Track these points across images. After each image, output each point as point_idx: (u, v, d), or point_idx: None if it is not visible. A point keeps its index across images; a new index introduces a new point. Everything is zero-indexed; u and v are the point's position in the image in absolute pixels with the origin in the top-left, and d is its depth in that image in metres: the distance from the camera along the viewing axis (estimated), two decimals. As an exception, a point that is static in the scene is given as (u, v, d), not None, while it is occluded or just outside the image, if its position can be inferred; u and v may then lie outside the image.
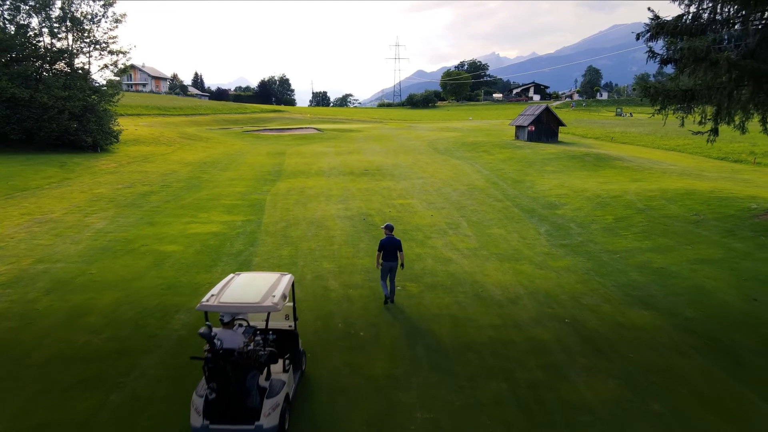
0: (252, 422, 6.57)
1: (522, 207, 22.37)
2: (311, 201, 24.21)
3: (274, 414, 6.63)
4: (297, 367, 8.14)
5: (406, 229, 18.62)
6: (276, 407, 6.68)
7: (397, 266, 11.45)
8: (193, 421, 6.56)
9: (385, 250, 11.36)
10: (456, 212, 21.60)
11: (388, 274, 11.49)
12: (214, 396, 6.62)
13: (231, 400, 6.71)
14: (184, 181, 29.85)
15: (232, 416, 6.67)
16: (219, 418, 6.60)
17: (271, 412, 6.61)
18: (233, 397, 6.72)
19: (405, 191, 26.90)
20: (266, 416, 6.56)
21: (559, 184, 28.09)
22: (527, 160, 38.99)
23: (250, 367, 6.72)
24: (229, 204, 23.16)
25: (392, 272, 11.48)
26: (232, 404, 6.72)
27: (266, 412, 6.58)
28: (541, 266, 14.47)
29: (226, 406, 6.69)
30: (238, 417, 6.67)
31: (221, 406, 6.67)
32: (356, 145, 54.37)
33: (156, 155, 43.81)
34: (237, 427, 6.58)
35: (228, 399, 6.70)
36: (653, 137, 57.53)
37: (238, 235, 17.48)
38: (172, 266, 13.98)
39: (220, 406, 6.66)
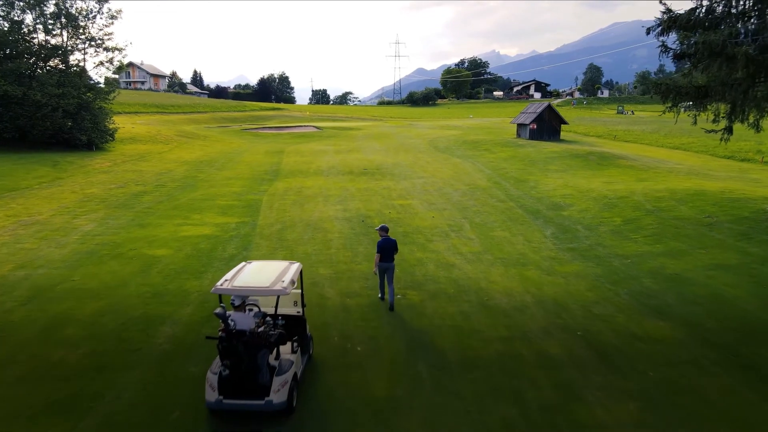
0: (262, 398, 7.04)
1: (526, 208, 21.65)
2: (309, 202, 23.50)
3: (283, 390, 7.13)
4: (305, 350, 8.59)
5: (407, 232, 17.91)
6: (285, 384, 7.18)
7: (393, 267, 11.35)
8: (208, 396, 7.08)
9: (383, 252, 11.16)
10: (458, 213, 20.89)
11: (385, 274, 11.33)
12: (227, 373, 7.10)
13: (243, 376, 7.13)
14: (179, 181, 29.14)
15: (244, 392, 7.10)
16: (232, 394, 7.06)
17: (280, 388, 7.11)
18: (245, 374, 7.13)
19: (405, 191, 26.18)
20: (276, 392, 7.06)
21: (564, 183, 27.36)
22: (530, 159, 38.26)
23: (261, 346, 7.16)
24: (224, 205, 22.45)
25: (389, 273, 11.28)
26: (244, 381, 7.13)
27: (276, 388, 7.08)
28: (548, 272, 13.76)
29: (238, 382, 7.11)
30: (250, 393, 7.10)
31: (234, 382, 7.10)
32: (356, 144, 53.65)
33: (152, 154, 43.09)
34: (248, 402, 7.06)
35: (240, 376, 7.12)
36: (657, 135, 56.80)
37: (232, 238, 16.78)
38: (160, 272, 13.26)
39: (233, 382, 7.10)
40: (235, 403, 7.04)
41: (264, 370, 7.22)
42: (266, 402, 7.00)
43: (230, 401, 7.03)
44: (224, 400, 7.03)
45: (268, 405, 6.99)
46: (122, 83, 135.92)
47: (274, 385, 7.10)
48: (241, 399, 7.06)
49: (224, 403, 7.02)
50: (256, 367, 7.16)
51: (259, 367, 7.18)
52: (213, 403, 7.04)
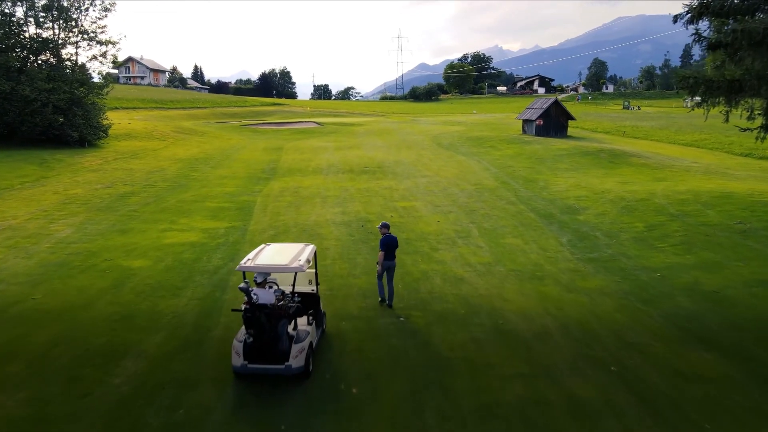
0: (282, 363, 7.85)
1: (538, 211, 20.15)
2: (305, 203, 22.05)
3: (301, 357, 7.89)
4: (319, 324, 9.41)
5: (410, 239, 16.44)
6: (302, 351, 7.93)
7: (395, 265, 11.18)
8: (234, 361, 7.91)
9: (387, 249, 10.86)
10: (465, 217, 19.41)
11: (385, 273, 11.03)
12: (251, 340, 7.87)
13: (265, 344, 7.93)
14: (170, 180, 27.70)
15: (266, 357, 7.91)
16: (255, 359, 7.88)
17: (298, 354, 7.87)
18: (267, 342, 7.93)
19: (408, 192, 24.70)
20: (294, 358, 7.84)
21: (576, 183, 25.84)
22: (537, 157, 36.71)
23: (281, 317, 8.00)
24: (215, 207, 21.00)
25: (390, 271, 11.05)
26: (266, 348, 7.94)
27: (294, 354, 7.86)
28: (569, 287, 12.28)
29: (261, 349, 7.92)
30: (271, 358, 7.91)
31: (257, 349, 7.91)
32: (357, 140, 52.12)
33: (146, 151, 41.65)
34: (270, 366, 7.86)
35: (263, 343, 7.91)
36: (667, 132, 55.12)
37: (219, 247, 15.33)
38: (134, 288, 11.82)
39: (256, 349, 7.90)
40: (258, 367, 7.90)
41: (284, 338, 8.07)
42: (286, 366, 7.86)
43: (254, 366, 7.89)
44: (248, 364, 7.87)
45: (287, 369, 7.85)
46: (122, 78, 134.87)
47: (292, 351, 7.92)
48: (264, 364, 7.92)
49: (249, 367, 7.87)
50: (277, 336, 8.03)
51: (279, 335, 8.04)
52: (238, 368, 7.91)
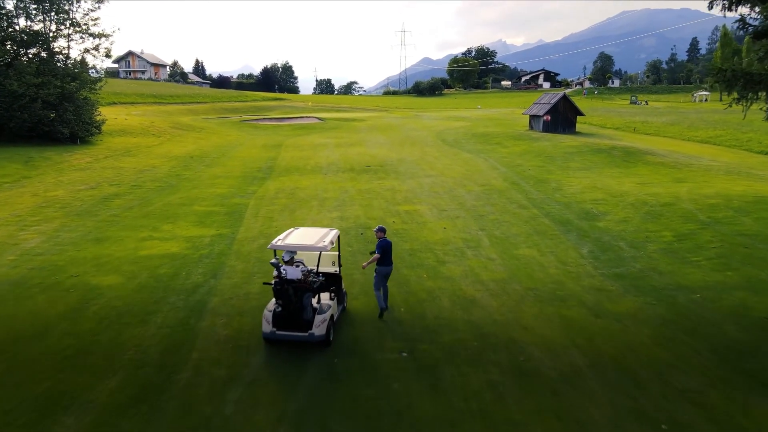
0: (306, 331, 8.81)
1: (553, 216, 18.53)
2: (301, 207, 20.49)
3: (323, 326, 8.82)
4: (340, 301, 10.26)
5: (414, 250, 14.87)
6: (324, 322, 8.86)
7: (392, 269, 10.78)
8: (264, 328, 8.93)
9: (385, 254, 10.42)
10: (474, 223, 17.82)
11: (385, 280, 10.57)
12: (279, 310, 8.93)
13: (292, 314, 8.92)
14: (160, 180, 26.17)
15: (292, 326, 8.87)
16: (283, 327, 8.88)
17: (320, 324, 8.81)
18: (293, 312, 8.92)
19: (411, 193, 23.11)
20: (317, 327, 8.78)
21: (591, 184, 24.19)
22: (547, 155, 35.03)
23: (306, 290, 8.98)
24: (203, 211, 19.46)
25: (388, 276, 10.67)
26: (292, 317, 8.91)
27: (317, 324, 8.80)
28: (596, 311, 10.70)
29: (288, 318, 8.91)
30: (297, 326, 8.86)
31: (285, 318, 8.91)
32: (359, 136, 50.51)
33: (140, 148, 40.16)
34: (295, 333, 8.82)
35: (290, 313, 8.92)
36: (679, 128, 53.27)
37: (201, 260, 13.78)
38: (97, 313, 10.30)
39: (283, 318, 8.91)
40: (284, 334, 8.83)
41: (308, 309, 8.98)
42: (309, 334, 8.76)
43: (281, 332, 8.83)
44: (277, 331, 8.83)
45: (310, 336, 8.75)
46: (122, 73, 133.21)
47: (315, 321, 8.82)
48: (290, 331, 8.83)
49: (277, 334, 8.82)
50: (302, 307, 8.96)
51: (304, 307, 8.97)
52: (268, 334, 8.86)
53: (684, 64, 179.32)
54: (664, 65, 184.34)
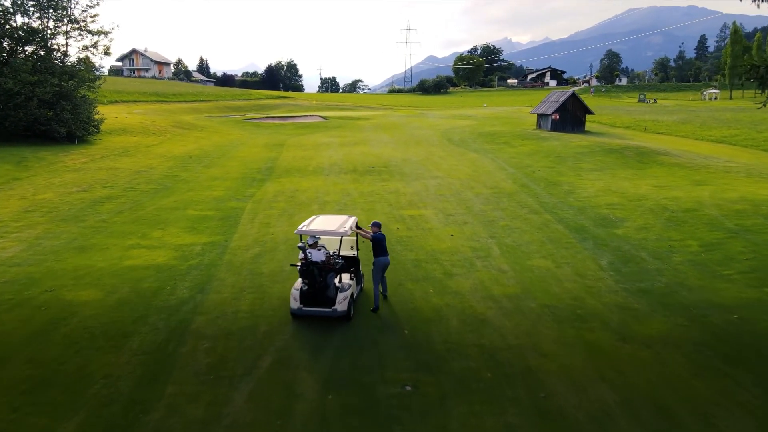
0: (330, 307, 9.94)
1: (567, 223, 17.40)
2: (300, 211, 19.46)
3: (344, 303, 9.97)
4: (358, 281, 11.38)
5: (420, 260, 13.80)
6: (346, 299, 10.01)
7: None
8: (291, 305, 10.07)
9: (380, 245, 10.86)
10: (483, 230, 16.72)
11: (382, 272, 10.99)
12: (306, 289, 10.10)
13: (317, 292, 10.07)
14: (155, 182, 25.21)
15: (317, 302, 10.03)
16: (308, 303, 10.02)
17: (342, 301, 9.96)
18: (318, 290, 10.06)
19: (417, 196, 22.04)
20: (339, 303, 9.93)
21: (605, 187, 23.03)
22: (557, 155, 33.87)
23: (329, 271, 10.16)
24: (197, 216, 18.46)
25: (386, 269, 11.10)
26: (317, 295, 10.06)
27: (339, 301, 9.95)
28: (622, 334, 9.61)
29: (313, 296, 10.06)
30: (321, 303, 10.02)
31: (310, 295, 10.07)
32: (363, 135, 49.45)
33: (139, 147, 39.28)
34: (320, 309, 9.95)
35: (315, 291, 10.06)
36: (691, 126, 51.90)
37: (189, 271, 12.76)
38: (68, 335, 9.30)
39: (309, 295, 10.07)
40: (310, 310, 9.90)
41: (332, 288, 10.07)
42: (332, 310, 9.83)
43: (307, 309, 9.92)
44: (303, 307, 9.92)
45: (333, 312, 9.82)
46: (125, 71, 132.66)
47: (338, 298, 9.89)
48: (315, 307, 9.90)
49: (303, 310, 9.92)
50: (326, 286, 10.01)
51: (328, 285, 10.02)
52: (295, 310, 9.94)
53: (692, 62, 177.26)
54: (672, 63, 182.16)
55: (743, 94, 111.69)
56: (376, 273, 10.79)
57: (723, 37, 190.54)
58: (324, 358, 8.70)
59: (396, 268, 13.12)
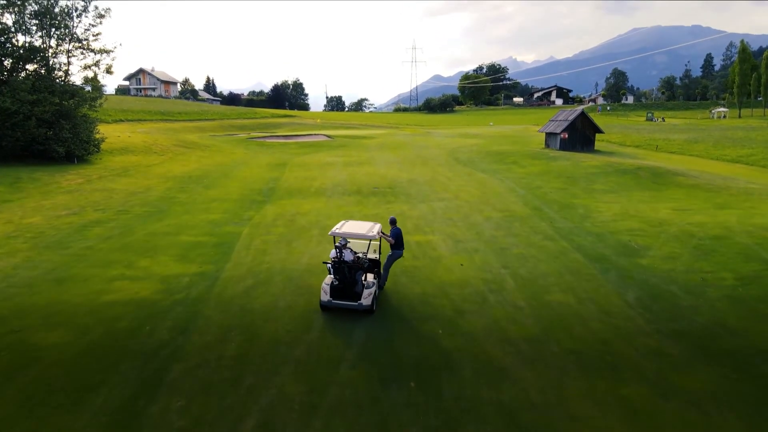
0: (356, 301, 11.16)
1: (585, 251, 16.15)
2: (300, 236, 18.33)
3: (369, 298, 11.15)
4: (381, 282, 12.53)
5: (426, 294, 12.58)
6: (370, 295, 11.20)
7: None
8: (322, 297, 11.29)
9: (399, 240, 12.44)
10: (494, 259, 15.50)
11: (393, 261, 12.73)
12: (336, 284, 11.31)
13: (345, 287, 11.30)
14: (150, 204, 24.20)
15: (345, 296, 11.26)
16: (338, 297, 11.25)
17: (368, 296, 11.16)
18: (347, 286, 11.30)
19: (423, 220, 20.88)
20: (365, 298, 11.14)
21: (622, 211, 21.80)
22: (568, 175, 32.72)
23: (358, 269, 11.44)
24: (189, 242, 17.35)
25: (397, 258, 12.78)
26: (345, 289, 11.30)
27: (365, 296, 11.16)
28: (662, 389, 8.32)
29: (342, 290, 11.29)
30: (349, 297, 11.24)
31: (339, 290, 11.29)
32: (368, 155, 48.56)
33: (139, 167, 38.48)
34: (348, 302, 11.15)
35: (344, 286, 11.30)
36: (704, 146, 50.67)
37: (173, 307, 11.58)
38: (23, 390, 8.10)
39: (338, 290, 11.29)
40: (339, 302, 11.19)
41: (359, 284, 11.42)
42: (359, 304, 11.11)
43: (336, 302, 11.20)
44: (333, 300, 11.21)
45: (359, 306, 11.10)
46: (132, 90, 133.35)
47: (364, 294, 11.22)
48: (343, 301, 11.20)
49: (332, 303, 11.20)
50: (354, 282, 11.38)
51: (356, 281, 11.40)
52: (325, 302, 11.23)
53: (698, 81, 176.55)
54: (678, 81, 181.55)
55: (752, 112, 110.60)
56: (390, 261, 12.70)
57: (729, 55, 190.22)
58: (316, 422, 7.45)
59: (401, 304, 11.93)
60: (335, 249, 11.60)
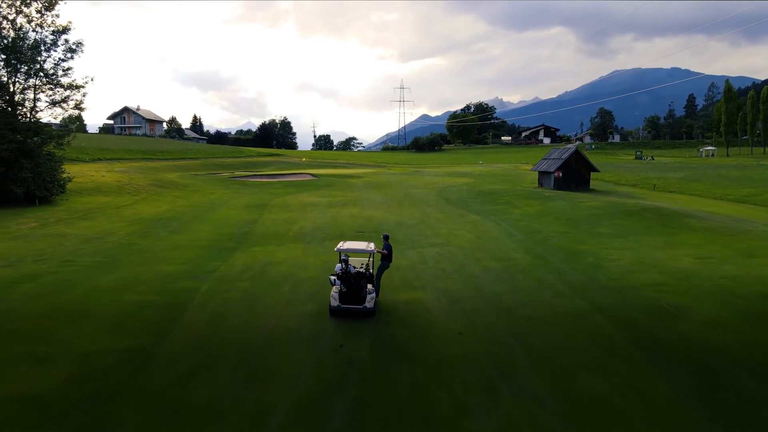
0: (361, 305, 13.09)
1: (607, 313, 13.44)
2: (268, 293, 15.46)
3: (371, 302, 13.11)
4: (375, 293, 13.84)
5: (418, 380, 9.72)
6: (372, 299, 13.15)
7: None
8: (332, 303, 13.15)
9: (389, 254, 14.80)
10: (500, 324, 12.73)
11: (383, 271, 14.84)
12: (344, 290, 13.34)
13: (352, 293, 13.34)
14: (103, 253, 21.25)
15: (352, 301, 13.24)
16: (345, 302, 13.20)
17: (370, 301, 13.09)
18: (353, 292, 13.36)
19: (412, 271, 18.17)
20: (368, 302, 13.06)
21: (637, 259, 19.27)
22: (568, 217, 30.36)
23: (363, 277, 13.72)
24: (133, 303, 14.37)
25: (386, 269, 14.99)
26: (352, 295, 13.31)
27: (368, 300, 13.08)
28: None
29: (349, 296, 13.30)
30: (355, 301, 13.22)
31: (347, 295, 13.30)
32: (354, 194, 46.14)
33: (107, 209, 35.61)
34: (354, 306, 13.08)
35: (351, 293, 13.35)
36: (703, 185, 48.92)
37: (75, 406, 8.51)
38: None
39: (346, 295, 13.30)
40: (347, 307, 13.07)
41: (364, 291, 13.36)
42: (363, 307, 13.02)
43: (345, 306, 13.08)
44: (342, 305, 13.07)
45: (364, 308, 13.01)
46: (116, 129, 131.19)
47: (367, 298, 13.11)
48: (350, 305, 13.12)
49: (342, 307, 13.05)
50: (360, 288, 13.44)
51: (361, 288, 13.45)
52: (335, 307, 13.07)
53: (682, 120, 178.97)
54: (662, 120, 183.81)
55: (739, 151, 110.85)
56: (380, 273, 14.72)
57: (711, 96, 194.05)
58: None
59: (388, 395, 9.08)
60: (341, 263, 13.82)
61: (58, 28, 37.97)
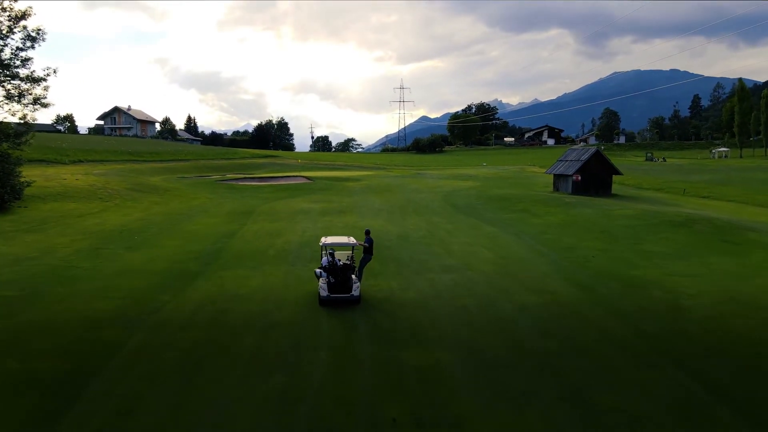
0: (349, 293, 14.10)
1: (719, 393, 8.72)
2: (221, 355, 10.72)
3: (358, 290, 14.22)
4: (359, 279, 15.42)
5: None
6: (358, 288, 14.29)
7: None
8: (321, 293, 14.08)
9: (370, 248, 16.15)
10: (564, 418, 8.02)
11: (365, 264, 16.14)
12: (333, 281, 14.21)
13: (340, 283, 14.24)
14: (25, 281, 16.54)
15: (340, 290, 14.17)
16: (334, 291, 14.13)
17: (356, 289, 14.20)
18: (341, 282, 14.26)
19: (423, 312, 13.48)
20: (355, 291, 14.14)
21: (722, 294, 14.57)
22: (602, 229, 25.67)
23: (348, 269, 14.72)
24: (21, 372, 9.66)
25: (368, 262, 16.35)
26: (340, 285, 14.21)
27: (354, 289, 14.18)
28: None
29: (337, 286, 14.20)
30: (343, 291, 14.16)
31: (335, 286, 14.20)
32: (350, 200, 41.37)
33: (67, 218, 30.87)
34: (342, 295, 14.07)
35: (338, 283, 14.25)
36: (735, 189, 44.20)
37: None
38: None
39: (335, 286, 14.20)
40: (335, 296, 14.02)
41: (350, 280, 14.36)
42: (350, 295, 14.08)
43: (333, 295, 14.03)
44: (330, 295, 14.00)
45: (351, 297, 14.07)
46: (106, 129, 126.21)
47: (353, 288, 14.17)
48: (338, 294, 14.09)
49: (330, 297, 13.98)
50: (347, 279, 14.38)
51: (348, 278, 14.39)
52: (324, 297, 13.99)
53: (688, 121, 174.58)
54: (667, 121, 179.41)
55: (753, 152, 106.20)
56: (363, 264, 16.13)
57: (717, 96, 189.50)
58: None
59: None
60: (328, 255, 14.81)
61: (17, 13, 33.30)
